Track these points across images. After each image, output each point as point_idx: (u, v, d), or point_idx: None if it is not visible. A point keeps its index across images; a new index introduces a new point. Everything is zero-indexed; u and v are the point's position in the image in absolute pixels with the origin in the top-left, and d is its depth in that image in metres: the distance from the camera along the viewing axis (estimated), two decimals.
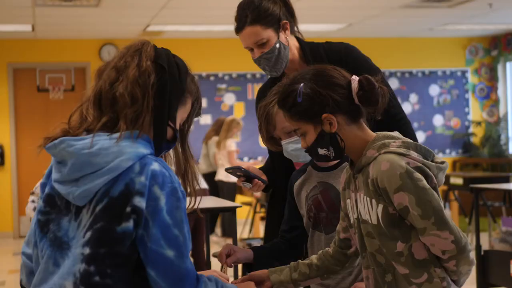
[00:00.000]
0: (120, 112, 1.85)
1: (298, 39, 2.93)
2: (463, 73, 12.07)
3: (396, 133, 2.08)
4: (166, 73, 1.91)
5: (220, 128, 9.61)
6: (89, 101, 1.90)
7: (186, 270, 1.82)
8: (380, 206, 1.98)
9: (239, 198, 9.98)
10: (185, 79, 1.97)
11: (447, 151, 11.89)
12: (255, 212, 9.03)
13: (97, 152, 1.79)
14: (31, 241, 1.98)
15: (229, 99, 11.33)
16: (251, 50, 2.85)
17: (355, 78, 2.05)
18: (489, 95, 12.12)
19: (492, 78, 12.08)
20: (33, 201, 5.84)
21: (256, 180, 2.85)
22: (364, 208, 2.04)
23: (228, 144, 9.33)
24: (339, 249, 2.24)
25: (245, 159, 10.83)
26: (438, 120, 11.92)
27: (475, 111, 12.08)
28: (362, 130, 2.08)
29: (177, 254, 1.80)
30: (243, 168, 2.82)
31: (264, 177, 2.90)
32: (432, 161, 2.01)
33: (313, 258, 2.28)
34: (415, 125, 11.64)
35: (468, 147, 11.92)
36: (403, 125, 2.84)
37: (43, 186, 1.94)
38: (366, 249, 2.07)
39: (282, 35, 2.81)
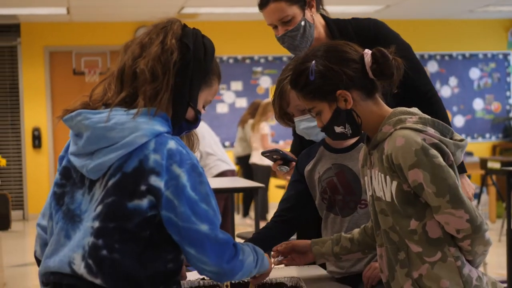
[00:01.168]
0: (139, 88, 1.85)
1: (323, 16, 2.87)
2: (505, 56, 11.85)
3: (414, 109, 2.03)
4: (190, 53, 1.89)
5: (255, 111, 9.59)
6: (112, 76, 1.90)
7: (224, 239, 1.82)
8: (394, 183, 1.94)
9: (273, 181, 9.96)
10: (211, 61, 1.95)
11: (487, 135, 11.68)
12: None
13: (112, 126, 1.79)
14: (46, 213, 1.99)
15: (265, 82, 11.29)
16: (275, 27, 2.80)
17: (367, 52, 2.01)
18: None
19: None
20: None
21: (293, 163, 2.79)
22: (378, 185, 2.00)
23: (261, 127, 9.30)
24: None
25: (281, 142, 10.78)
26: (478, 104, 11.72)
27: None
28: (378, 105, 2.04)
29: (211, 227, 1.79)
30: (281, 151, 2.77)
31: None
32: (451, 138, 1.96)
33: (355, 232, 2.26)
34: (454, 109, 11.47)
35: (509, 131, 11.70)
36: (434, 103, 2.78)
37: (61, 159, 1.95)
38: (380, 227, 2.03)
39: (307, 12, 2.75)
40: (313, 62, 2.00)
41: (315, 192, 2.55)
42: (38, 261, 2.03)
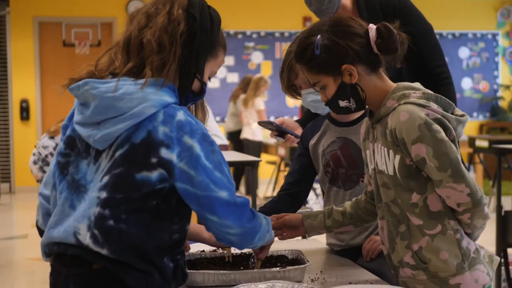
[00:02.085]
0: (146, 59, 1.84)
1: None
2: (494, 36, 11.89)
3: (417, 84, 2.05)
4: (197, 23, 1.88)
5: (247, 86, 9.57)
6: (118, 46, 1.89)
7: (242, 202, 1.84)
8: (397, 157, 1.96)
9: (264, 157, 9.98)
10: (218, 32, 1.95)
11: (475, 114, 11.76)
12: (279, 170, 9.03)
13: (121, 96, 1.78)
14: (49, 183, 1.98)
15: (256, 57, 11.28)
16: None
17: (372, 27, 2.02)
18: None
19: None
20: (33, 154, 5.96)
21: (289, 135, 2.84)
22: (380, 159, 2.02)
23: (257, 103, 9.29)
24: (369, 199, 2.23)
25: (271, 118, 10.79)
26: (466, 83, 11.78)
27: (504, 74, 11.92)
28: (382, 80, 2.05)
29: (230, 193, 1.80)
30: (274, 123, 2.82)
31: (299, 131, 2.89)
32: (452, 113, 1.98)
33: (347, 205, 2.28)
34: None
35: (496, 110, 11.80)
36: (445, 85, 2.85)
37: (64, 128, 1.93)
38: (382, 200, 2.06)
39: None
40: (319, 36, 2.01)
41: (318, 165, 2.58)
42: (40, 231, 2.02)
